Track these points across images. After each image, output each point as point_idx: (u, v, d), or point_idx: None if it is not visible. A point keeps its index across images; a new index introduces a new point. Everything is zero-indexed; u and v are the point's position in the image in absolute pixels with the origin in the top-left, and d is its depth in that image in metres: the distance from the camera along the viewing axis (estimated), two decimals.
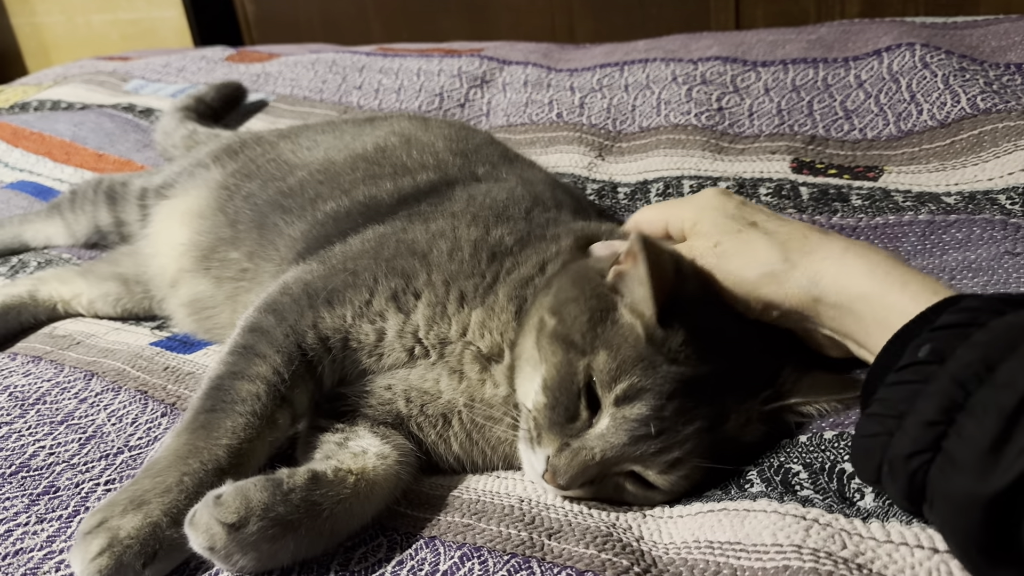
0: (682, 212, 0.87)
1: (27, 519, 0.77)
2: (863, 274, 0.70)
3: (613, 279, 0.78)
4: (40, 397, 0.98)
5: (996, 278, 0.91)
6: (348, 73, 1.98)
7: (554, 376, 0.75)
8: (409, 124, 1.27)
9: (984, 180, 1.13)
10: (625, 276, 0.76)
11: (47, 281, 1.26)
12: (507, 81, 1.78)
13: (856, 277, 0.71)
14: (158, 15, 3.30)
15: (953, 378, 0.55)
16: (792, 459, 0.73)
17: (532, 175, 1.14)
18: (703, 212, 0.84)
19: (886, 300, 0.67)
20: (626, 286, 0.76)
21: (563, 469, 0.73)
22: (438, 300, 0.85)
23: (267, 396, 0.80)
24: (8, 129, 1.91)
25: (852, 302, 0.71)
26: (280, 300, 0.88)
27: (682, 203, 0.89)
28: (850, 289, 0.71)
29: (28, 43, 3.85)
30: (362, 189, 1.07)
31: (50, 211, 1.48)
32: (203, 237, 1.16)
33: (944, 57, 1.35)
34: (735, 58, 1.56)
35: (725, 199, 0.85)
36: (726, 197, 0.86)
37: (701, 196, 0.88)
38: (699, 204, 0.86)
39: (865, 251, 0.73)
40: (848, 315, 0.72)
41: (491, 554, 0.67)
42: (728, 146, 1.40)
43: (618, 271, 0.78)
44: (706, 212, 0.84)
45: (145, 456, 0.86)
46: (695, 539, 0.68)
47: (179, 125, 1.70)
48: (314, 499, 0.69)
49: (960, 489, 0.52)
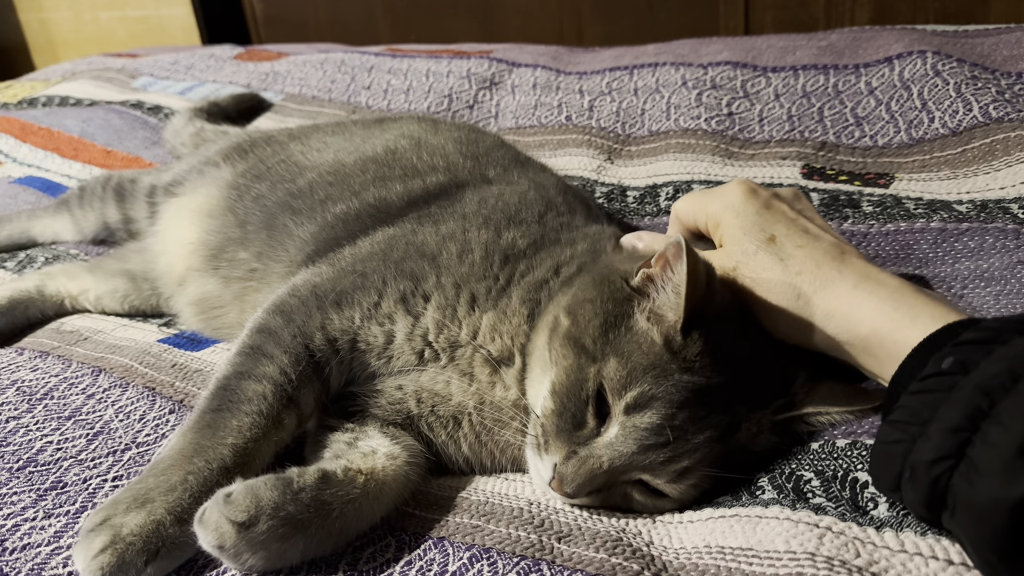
0: (709, 206, 0.85)
1: (34, 514, 0.77)
2: (872, 310, 0.70)
3: (641, 281, 0.77)
4: (48, 392, 0.98)
5: (1008, 288, 0.91)
6: (357, 73, 1.98)
7: (563, 381, 0.75)
8: (419, 126, 1.27)
9: (996, 189, 1.13)
10: (655, 280, 0.76)
11: (55, 276, 1.26)
12: (516, 83, 1.78)
13: (866, 315, 0.71)
14: (166, 13, 3.30)
15: (978, 387, 0.55)
16: (804, 466, 0.73)
17: (543, 178, 1.14)
18: (725, 213, 0.83)
19: (896, 337, 0.67)
20: (654, 290, 0.75)
21: (570, 477, 0.72)
22: (448, 303, 0.85)
23: (273, 396, 0.80)
24: (17, 124, 1.92)
25: (863, 340, 0.71)
26: (288, 301, 0.88)
27: (710, 194, 0.87)
28: (860, 328, 0.71)
29: (36, 39, 3.86)
30: (372, 191, 1.07)
31: (58, 207, 1.48)
32: (212, 236, 1.16)
33: (956, 65, 1.35)
34: (745, 63, 1.56)
35: (748, 198, 0.83)
36: (750, 195, 0.83)
37: (727, 190, 0.85)
38: (724, 200, 0.84)
39: (875, 286, 0.72)
40: (862, 352, 0.72)
41: (500, 556, 0.67)
42: (738, 151, 1.40)
43: (648, 274, 0.77)
44: (727, 214, 0.82)
45: (153, 453, 0.86)
46: (706, 544, 0.67)
47: (188, 123, 1.71)
48: (324, 498, 0.69)
49: (984, 495, 0.52)
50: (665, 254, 0.75)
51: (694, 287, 0.72)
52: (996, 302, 0.90)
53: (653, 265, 0.76)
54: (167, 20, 3.31)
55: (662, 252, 0.75)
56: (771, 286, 0.76)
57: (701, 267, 0.73)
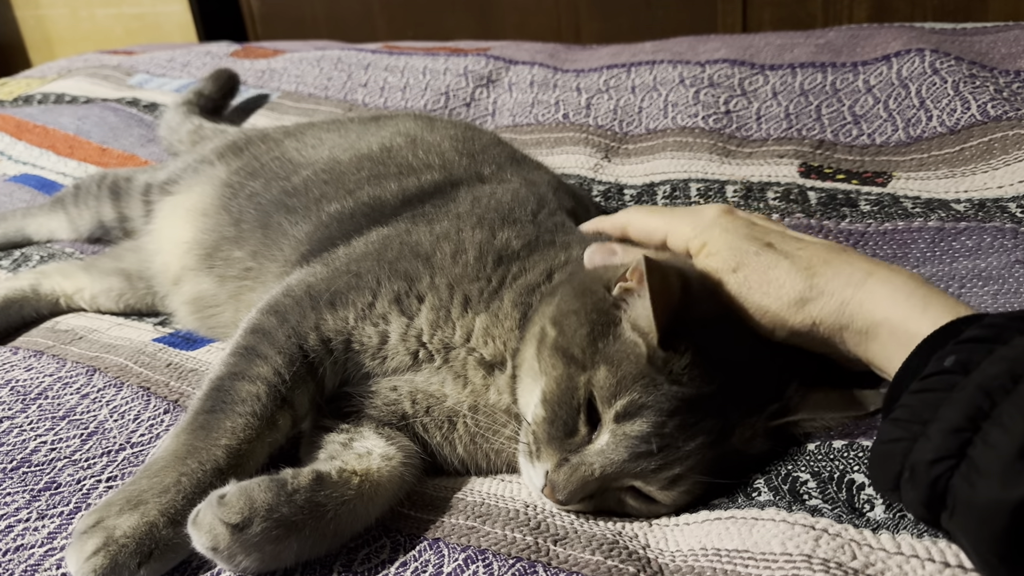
0: (684, 229, 0.83)
1: (28, 515, 0.77)
2: (885, 299, 0.70)
3: (619, 294, 0.77)
4: (42, 392, 0.97)
5: (1007, 287, 0.91)
6: (354, 70, 1.98)
7: (554, 390, 0.74)
8: (415, 124, 1.27)
9: (994, 188, 1.13)
10: (632, 293, 0.75)
11: (50, 275, 1.26)
12: (513, 81, 1.77)
13: (879, 303, 0.70)
14: (162, 10, 3.29)
15: (979, 387, 0.55)
16: (800, 468, 0.73)
17: (538, 176, 1.13)
18: (711, 232, 0.81)
19: (908, 326, 0.67)
20: (631, 304, 0.75)
21: (562, 484, 0.72)
22: (442, 304, 0.85)
23: (267, 397, 0.79)
24: (12, 122, 1.91)
25: (875, 328, 0.70)
26: (282, 301, 0.87)
27: (683, 218, 0.85)
28: (874, 315, 0.70)
29: (32, 36, 3.85)
30: (367, 190, 1.06)
31: (53, 205, 1.48)
32: (207, 235, 1.15)
33: (954, 63, 1.34)
34: (743, 61, 1.56)
35: (732, 218, 0.82)
36: (732, 216, 0.82)
37: (704, 213, 0.84)
38: (704, 222, 0.82)
39: (888, 275, 0.72)
40: (872, 341, 0.71)
41: (496, 557, 0.67)
42: (736, 149, 1.40)
43: (624, 287, 0.76)
44: (714, 232, 0.80)
45: (147, 453, 0.86)
46: (702, 547, 0.67)
47: (184, 120, 1.70)
48: (318, 500, 0.69)
49: (985, 496, 0.52)
50: (638, 267, 0.73)
51: (663, 303, 0.70)
52: (994, 301, 0.90)
53: (629, 278, 0.76)
54: (163, 17, 3.31)
55: (635, 266, 0.74)
56: (780, 280, 0.75)
57: (672, 278, 0.72)
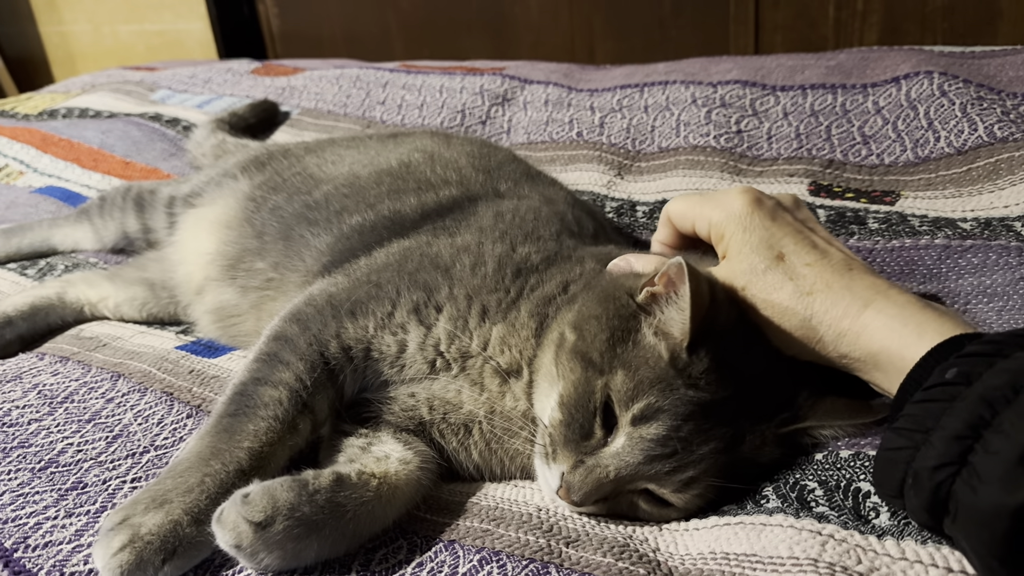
0: (711, 214, 0.85)
1: (56, 513, 0.79)
2: (880, 329, 0.72)
3: (645, 299, 0.79)
4: (68, 396, 1.00)
5: (1011, 303, 0.92)
6: (372, 88, 2.02)
7: (571, 393, 0.76)
8: (432, 141, 1.30)
9: (1000, 207, 1.15)
10: (659, 298, 0.77)
11: (75, 284, 1.29)
12: (528, 100, 1.81)
13: (874, 334, 0.72)
14: (184, 27, 3.36)
15: (981, 397, 0.57)
16: (808, 476, 0.74)
17: (553, 193, 1.16)
18: (730, 225, 0.82)
19: (904, 353, 0.69)
20: (659, 308, 0.77)
21: (577, 486, 0.74)
22: (459, 314, 0.87)
23: (289, 402, 0.82)
24: (38, 135, 1.96)
25: (873, 357, 0.73)
26: (304, 310, 0.90)
27: (710, 201, 0.86)
28: (870, 346, 0.72)
29: (55, 52, 3.93)
30: (387, 203, 1.09)
31: (79, 216, 1.52)
32: (230, 247, 1.18)
33: (962, 86, 1.37)
34: (754, 82, 1.58)
35: (754, 209, 0.82)
36: (755, 206, 0.83)
37: (728, 197, 0.84)
38: (726, 208, 0.83)
39: (884, 304, 0.73)
40: (874, 369, 0.74)
41: (510, 559, 0.69)
42: (746, 168, 1.42)
43: (652, 292, 0.78)
44: (733, 227, 0.82)
45: (171, 456, 0.88)
46: (711, 551, 0.69)
47: (210, 135, 1.74)
48: (338, 500, 0.71)
49: (986, 501, 0.54)
50: (667, 272, 0.76)
51: (699, 307, 0.73)
52: (999, 317, 0.91)
53: (656, 283, 0.78)
54: (185, 34, 3.37)
55: (664, 271, 0.76)
56: (782, 309, 0.77)
57: (704, 286, 0.74)
